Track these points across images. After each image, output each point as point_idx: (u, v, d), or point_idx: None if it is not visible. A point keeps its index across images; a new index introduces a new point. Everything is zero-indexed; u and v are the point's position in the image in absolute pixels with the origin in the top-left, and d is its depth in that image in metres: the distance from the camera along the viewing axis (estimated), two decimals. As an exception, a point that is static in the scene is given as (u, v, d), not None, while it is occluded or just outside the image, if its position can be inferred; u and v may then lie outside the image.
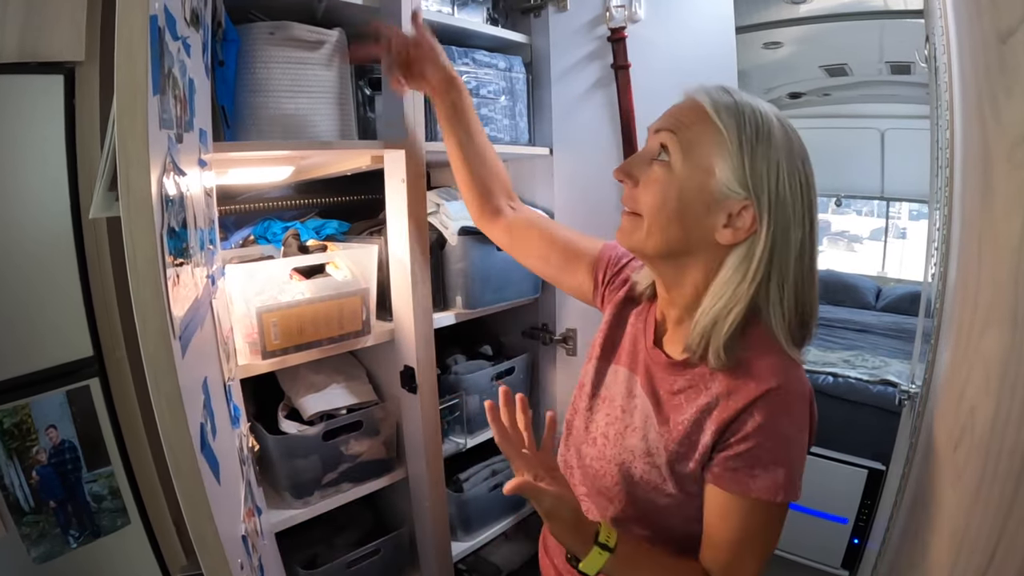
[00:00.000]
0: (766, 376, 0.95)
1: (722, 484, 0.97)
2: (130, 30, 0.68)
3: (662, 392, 1.07)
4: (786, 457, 0.95)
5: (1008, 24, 0.69)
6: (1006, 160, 0.72)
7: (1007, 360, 0.71)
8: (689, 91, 1.02)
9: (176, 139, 0.83)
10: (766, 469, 0.94)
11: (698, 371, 1.03)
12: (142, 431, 1.59)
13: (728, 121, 0.95)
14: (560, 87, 1.94)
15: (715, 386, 0.99)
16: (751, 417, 0.94)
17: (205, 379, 0.87)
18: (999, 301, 0.75)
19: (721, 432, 0.96)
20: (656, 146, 0.99)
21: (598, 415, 1.18)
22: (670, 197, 0.97)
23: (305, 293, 1.49)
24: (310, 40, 1.45)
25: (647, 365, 1.11)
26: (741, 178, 0.94)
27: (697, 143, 0.96)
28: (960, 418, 0.86)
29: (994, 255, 0.77)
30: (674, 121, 0.99)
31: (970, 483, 0.80)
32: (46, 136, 1.41)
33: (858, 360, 3.86)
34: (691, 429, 1.00)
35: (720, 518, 0.99)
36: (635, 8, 1.89)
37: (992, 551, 0.74)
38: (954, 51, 0.96)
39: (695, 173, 0.96)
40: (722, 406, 0.97)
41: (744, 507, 0.96)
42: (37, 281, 1.42)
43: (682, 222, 0.98)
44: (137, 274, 0.66)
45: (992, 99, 0.75)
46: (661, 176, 0.98)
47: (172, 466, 0.70)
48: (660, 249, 1.01)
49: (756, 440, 0.94)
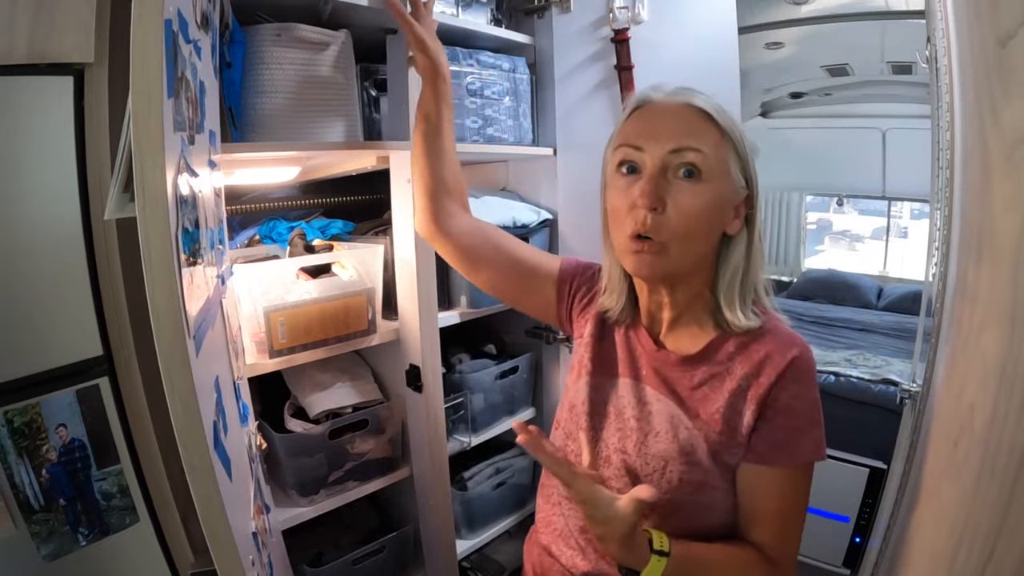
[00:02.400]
0: (785, 347, 1.00)
1: (768, 461, 1.00)
2: (145, 35, 0.68)
3: (681, 390, 1.07)
4: (819, 417, 1.00)
5: (1007, 27, 0.70)
6: (1005, 161, 0.72)
7: (1005, 358, 0.72)
8: (663, 97, 1.03)
9: (188, 140, 0.84)
10: (807, 434, 0.99)
11: (716, 360, 1.04)
12: (151, 429, 1.60)
13: (728, 123, 0.99)
14: (564, 88, 1.95)
15: (738, 368, 1.02)
16: (785, 389, 0.98)
17: (216, 377, 0.89)
18: (997, 300, 0.76)
19: (761, 409, 0.99)
20: (673, 163, 0.98)
21: (607, 433, 1.12)
22: (705, 214, 0.98)
23: (312, 293, 1.51)
24: (316, 41, 1.46)
25: (655, 368, 1.10)
26: (745, 173, 1.01)
27: (715, 153, 0.98)
28: (959, 415, 0.87)
29: (993, 255, 0.78)
30: (690, 136, 0.98)
31: (969, 479, 0.81)
32: (55, 137, 1.42)
33: (860, 359, 3.85)
34: (728, 414, 1.01)
35: (764, 496, 1.02)
36: (638, 9, 1.90)
37: (992, 546, 0.75)
38: (954, 53, 0.97)
39: (723, 183, 0.98)
40: (755, 385, 1.00)
41: (787, 477, 1.00)
42: (47, 281, 1.43)
43: (710, 233, 1.00)
44: (152, 274, 0.67)
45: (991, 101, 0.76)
46: (695, 195, 0.97)
47: (186, 463, 0.71)
48: (689, 264, 1.02)
49: (795, 409, 0.99)
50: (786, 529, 1.03)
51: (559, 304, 1.28)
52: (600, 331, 1.20)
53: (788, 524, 1.03)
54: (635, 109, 1.05)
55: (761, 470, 1.01)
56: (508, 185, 2.17)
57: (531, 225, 1.91)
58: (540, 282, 1.29)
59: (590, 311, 1.22)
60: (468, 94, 1.76)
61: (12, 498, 1.40)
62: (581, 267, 1.28)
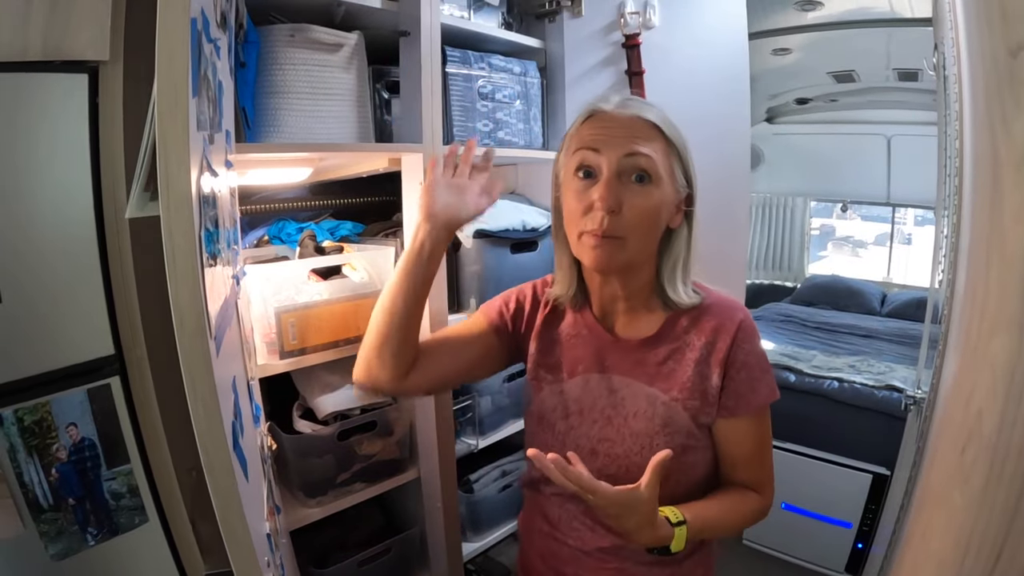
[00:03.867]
0: (731, 313, 1.17)
1: (737, 412, 1.16)
2: (172, 33, 0.69)
3: (648, 368, 1.18)
4: (768, 364, 1.18)
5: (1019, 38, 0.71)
6: (1015, 171, 0.73)
7: (1014, 365, 0.72)
8: (614, 109, 1.13)
9: (209, 140, 0.85)
10: (763, 381, 1.16)
11: (673, 335, 1.18)
12: (161, 430, 1.61)
13: (673, 133, 1.13)
14: (574, 92, 1.96)
15: (696, 340, 1.16)
16: (739, 348, 1.14)
17: (234, 378, 0.89)
18: (1007, 308, 0.76)
19: (725, 369, 1.14)
20: (626, 167, 1.09)
21: (584, 428, 1.20)
22: (656, 212, 1.11)
23: (323, 294, 1.52)
24: (329, 43, 1.47)
25: (618, 357, 1.21)
26: (686, 175, 1.15)
27: (663, 160, 1.11)
28: (967, 422, 0.87)
29: (1002, 262, 0.78)
30: (642, 143, 1.09)
31: (976, 485, 0.81)
32: (70, 134, 1.43)
33: (863, 365, 3.85)
34: (696, 381, 1.15)
35: (740, 442, 1.19)
36: (649, 15, 1.91)
37: (998, 552, 0.75)
38: (964, 63, 0.98)
39: (669, 185, 1.11)
40: (715, 351, 1.15)
41: (754, 421, 1.18)
42: (59, 279, 1.44)
43: (659, 228, 1.14)
44: (176, 274, 0.68)
45: (1002, 111, 0.77)
46: (647, 197, 1.09)
47: (206, 464, 0.71)
48: (642, 257, 1.15)
49: (750, 363, 1.15)
50: (762, 463, 1.22)
51: (510, 347, 1.33)
52: (545, 343, 1.29)
53: (763, 458, 1.22)
54: (588, 117, 1.16)
55: (733, 421, 1.17)
56: (518, 188, 2.18)
57: (540, 229, 1.92)
58: (489, 342, 1.32)
59: (534, 328, 1.31)
60: (479, 97, 1.77)
61: (21, 497, 1.40)
62: (502, 301, 1.35)
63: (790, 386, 3.68)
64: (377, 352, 1.21)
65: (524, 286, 1.35)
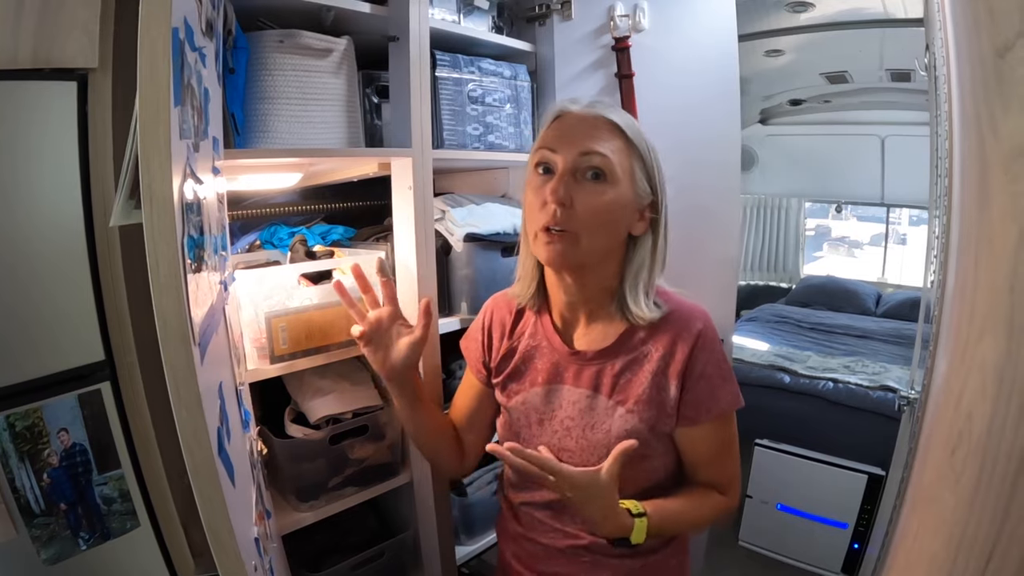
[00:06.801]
0: (689, 323, 1.18)
1: (697, 421, 1.18)
2: (153, 44, 0.69)
3: (606, 380, 1.21)
4: (730, 373, 1.20)
5: (1006, 39, 0.71)
6: (1003, 172, 0.73)
7: (1003, 366, 0.72)
8: (580, 109, 1.18)
9: (193, 148, 0.85)
10: (724, 389, 1.18)
11: (630, 347, 1.21)
12: (152, 435, 1.60)
13: (636, 136, 1.16)
14: (564, 95, 1.95)
15: (654, 352, 1.18)
16: (697, 359, 1.16)
17: (220, 384, 0.89)
18: (995, 308, 0.76)
19: (682, 381, 1.16)
20: (581, 165, 1.12)
21: (544, 439, 1.26)
22: (609, 210, 1.13)
23: (313, 299, 1.51)
24: (318, 48, 1.47)
25: (576, 369, 1.25)
26: (651, 182, 1.18)
27: (622, 158, 1.14)
28: (958, 423, 0.87)
29: (990, 263, 0.78)
30: (599, 142, 1.13)
31: (968, 486, 0.81)
32: (59, 142, 1.42)
33: (858, 366, 3.86)
34: (653, 393, 1.17)
35: (702, 448, 1.22)
36: (639, 18, 1.91)
37: (989, 552, 0.75)
38: (953, 64, 0.98)
39: (626, 186, 1.14)
40: (673, 363, 1.17)
41: (716, 427, 1.20)
42: (50, 286, 1.43)
43: (615, 227, 1.16)
44: (159, 281, 0.67)
45: (990, 112, 0.76)
46: (600, 194, 1.12)
47: (190, 470, 0.71)
48: (596, 256, 1.16)
49: (709, 373, 1.17)
50: (725, 463, 1.25)
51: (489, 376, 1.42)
52: (510, 357, 1.35)
53: (726, 460, 1.25)
54: (555, 119, 1.20)
55: (693, 430, 1.19)
56: (508, 192, 2.18)
57: (531, 232, 1.91)
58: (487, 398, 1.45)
59: (501, 352, 1.37)
60: (469, 101, 1.77)
61: (13, 502, 1.39)
62: (475, 349, 1.44)
63: (785, 387, 3.69)
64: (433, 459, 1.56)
65: (480, 318, 1.45)
